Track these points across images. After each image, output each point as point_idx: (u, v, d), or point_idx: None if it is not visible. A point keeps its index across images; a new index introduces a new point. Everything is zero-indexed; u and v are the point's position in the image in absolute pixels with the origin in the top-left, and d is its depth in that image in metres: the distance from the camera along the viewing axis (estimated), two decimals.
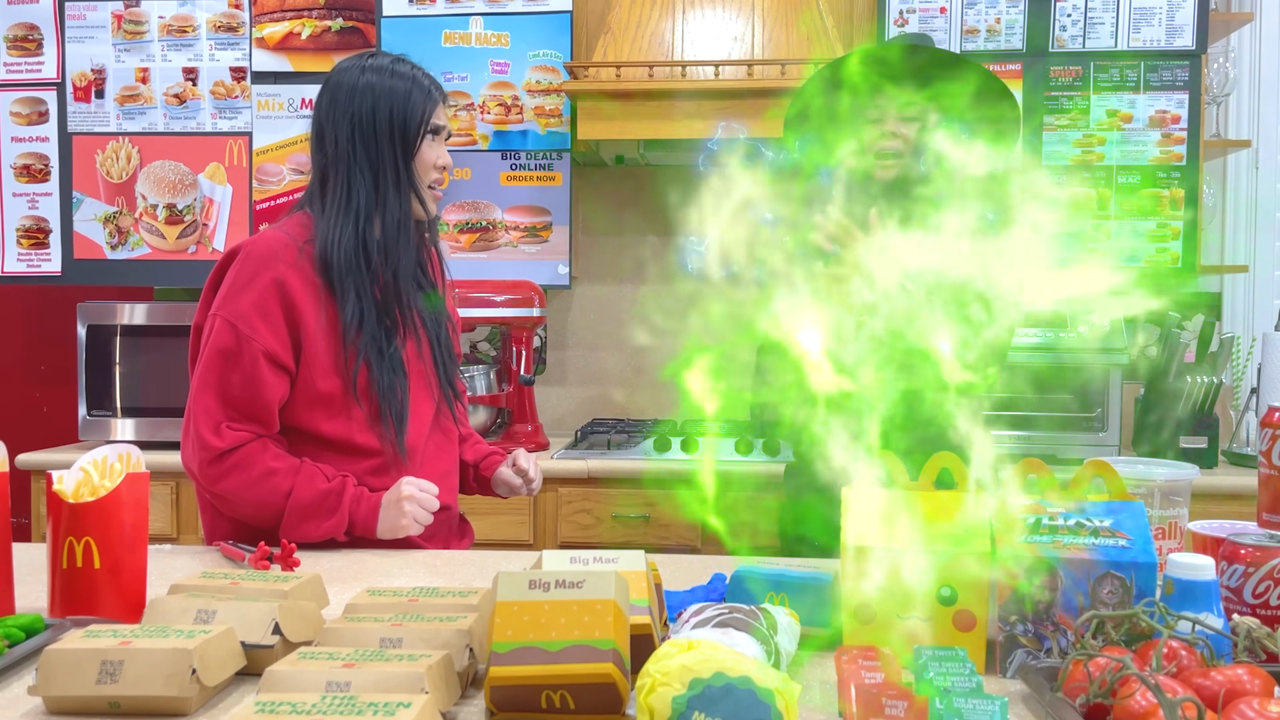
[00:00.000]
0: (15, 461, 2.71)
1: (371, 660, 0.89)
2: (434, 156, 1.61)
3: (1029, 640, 1.02)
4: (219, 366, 1.51)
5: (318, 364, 1.53)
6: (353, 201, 1.56)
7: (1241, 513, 2.40)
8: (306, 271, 1.54)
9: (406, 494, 1.52)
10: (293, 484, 1.51)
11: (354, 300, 1.54)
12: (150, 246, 2.99)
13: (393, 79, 1.58)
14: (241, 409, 1.51)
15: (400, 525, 1.52)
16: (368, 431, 1.57)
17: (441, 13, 2.92)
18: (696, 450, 2.69)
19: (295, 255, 1.54)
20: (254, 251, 1.54)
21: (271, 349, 1.51)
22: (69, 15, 2.99)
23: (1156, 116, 2.74)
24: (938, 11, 2.78)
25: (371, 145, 1.56)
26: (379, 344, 1.56)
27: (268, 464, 1.51)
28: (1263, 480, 1.30)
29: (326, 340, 1.54)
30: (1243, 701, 0.79)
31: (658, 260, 3.22)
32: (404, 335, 1.62)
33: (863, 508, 1.11)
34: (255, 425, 1.53)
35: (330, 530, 1.53)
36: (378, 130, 1.56)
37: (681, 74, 2.66)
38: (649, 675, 0.81)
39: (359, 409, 1.56)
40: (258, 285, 1.51)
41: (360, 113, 1.56)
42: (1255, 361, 2.83)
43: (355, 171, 1.56)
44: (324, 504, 1.52)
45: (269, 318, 1.51)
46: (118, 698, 0.90)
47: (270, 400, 1.52)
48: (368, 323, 1.55)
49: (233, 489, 1.51)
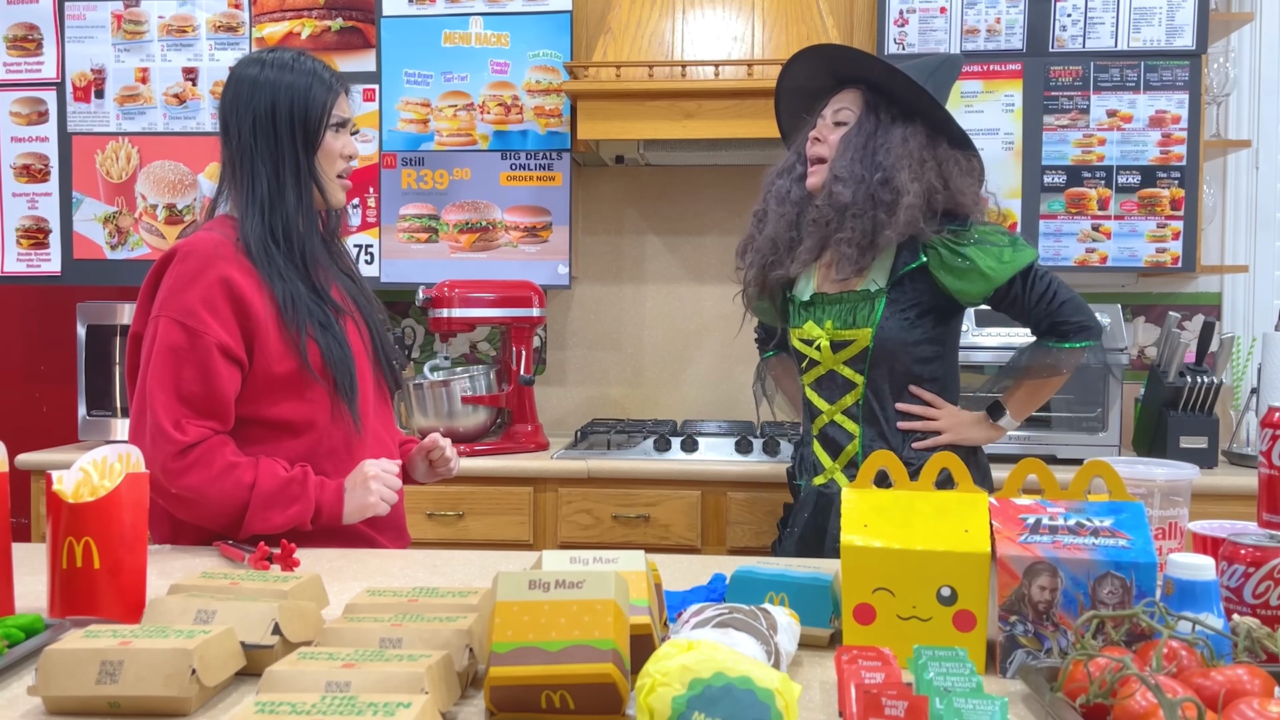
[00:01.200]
0: (15, 461, 2.71)
1: (371, 660, 0.89)
2: (339, 147, 1.64)
3: (1029, 640, 1.02)
4: (171, 364, 1.50)
5: (271, 349, 1.55)
6: (256, 192, 1.59)
7: (1241, 513, 2.40)
8: (245, 264, 1.56)
9: (371, 473, 1.54)
10: (255, 475, 1.51)
11: (280, 282, 1.57)
12: (150, 246, 2.99)
13: (292, 74, 1.61)
14: (198, 405, 1.51)
15: (368, 504, 1.54)
16: (327, 409, 1.59)
17: (441, 13, 2.92)
18: (696, 450, 2.69)
19: (233, 250, 1.57)
20: (193, 250, 1.55)
21: (224, 342, 1.52)
22: (69, 15, 2.99)
23: (1156, 116, 2.74)
24: (938, 11, 2.78)
25: (271, 139, 1.59)
26: (319, 320, 1.59)
27: (228, 458, 1.51)
28: (1263, 480, 1.30)
29: (275, 326, 1.56)
30: (1243, 702, 0.79)
31: (658, 260, 3.22)
32: (341, 315, 1.65)
33: (862, 508, 1.11)
34: (214, 421, 1.53)
35: (295, 517, 1.52)
36: (277, 124, 1.59)
37: (681, 74, 2.66)
38: (649, 675, 0.81)
39: (318, 387, 1.58)
40: (203, 281, 1.52)
41: (260, 108, 1.59)
42: (1255, 361, 2.83)
43: (257, 163, 1.60)
44: (287, 490, 1.52)
45: (218, 312, 1.52)
46: (117, 698, 0.90)
47: (226, 393, 1.53)
48: (300, 300, 1.57)
49: (195, 485, 1.50)
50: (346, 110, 1.65)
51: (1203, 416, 2.62)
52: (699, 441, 2.72)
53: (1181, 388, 2.62)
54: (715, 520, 2.61)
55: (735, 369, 3.19)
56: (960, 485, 1.14)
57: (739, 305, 2.12)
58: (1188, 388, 2.61)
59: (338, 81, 1.64)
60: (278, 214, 1.59)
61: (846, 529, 1.08)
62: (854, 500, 1.12)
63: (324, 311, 1.60)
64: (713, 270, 3.20)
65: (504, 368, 2.83)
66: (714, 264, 3.20)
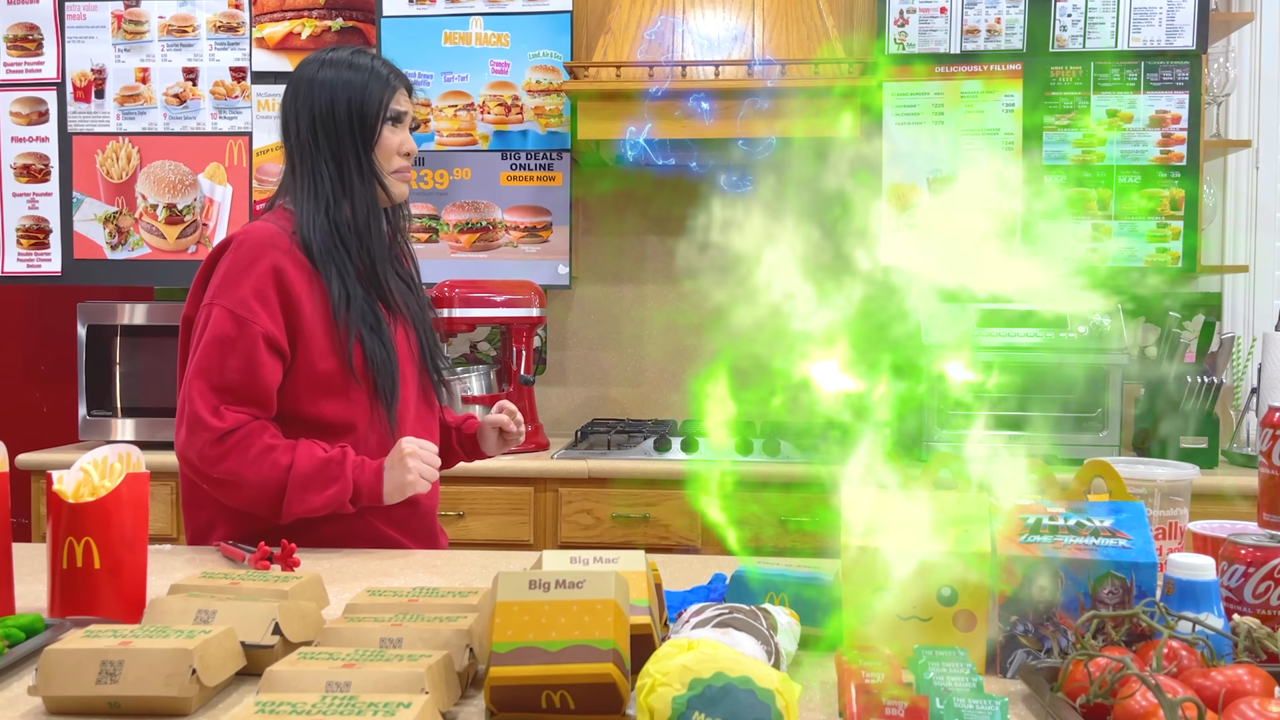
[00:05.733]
0: (15, 461, 2.71)
1: (371, 660, 0.89)
2: (397, 143, 1.64)
3: (1029, 640, 1.02)
4: (217, 353, 1.51)
5: (315, 346, 1.56)
6: (320, 189, 1.60)
7: (1241, 513, 2.39)
8: (299, 258, 1.57)
9: (409, 450, 1.53)
10: (292, 457, 1.51)
11: (338, 281, 1.57)
12: (150, 246, 2.99)
13: (350, 71, 1.62)
14: (239, 393, 1.52)
15: (407, 482, 1.52)
16: (367, 411, 1.60)
17: (441, 13, 2.92)
18: (696, 450, 2.69)
19: (288, 243, 1.57)
20: (248, 240, 1.56)
21: (270, 333, 1.52)
22: (69, 15, 2.99)
23: (1156, 116, 2.74)
24: (938, 11, 2.78)
25: (332, 136, 1.60)
26: (369, 322, 1.59)
27: (266, 441, 1.51)
28: (1263, 480, 1.30)
29: (322, 323, 1.56)
30: (1243, 702, 0.79)
31: (658, 260, 3.22)
32: (392, 318, 1.65)
33: (863, 508, 1.10)
34: (253, 408, 1.53)
35: (334, 498, 1.51)
36: (337, 121, 1.60)
37: (681, 74, 2.66)
38: (649, 675, 0.81)
39: (358, 389, 1.58)
40: (255, 272, 1.53)
41: (319, 105, 1.60)
42: (1255, 361, 2.83)
43: (320, 161, 1.61)
44: (326, 471, 1.51)
45: (267, 303, 1.53)
46: (118, 698, 0.90)
47: (269, 383, 1.53)
48: (355, 302, 1.58)
49: (234, 469, 1.50)
50: (404, 105, 1.65)
51: (1203, 416, 2.62)
52: (699, 441, 2.72)
53: (1181, 388, 2.62)
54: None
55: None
56: (960, 485, 1.14)
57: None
58: (1188, 388, 2.61)
59: (395, 77, 1.64)
60: (342, 211, 1.60)
61: (846, 529, 1.08)
62: (854, 500, 1.12)
63: (375, 314, 1.60)
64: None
65: (504, 368, 2.83)
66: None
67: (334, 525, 1.57)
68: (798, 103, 2.61)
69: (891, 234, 2.81)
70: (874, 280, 2.74)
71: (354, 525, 1.58)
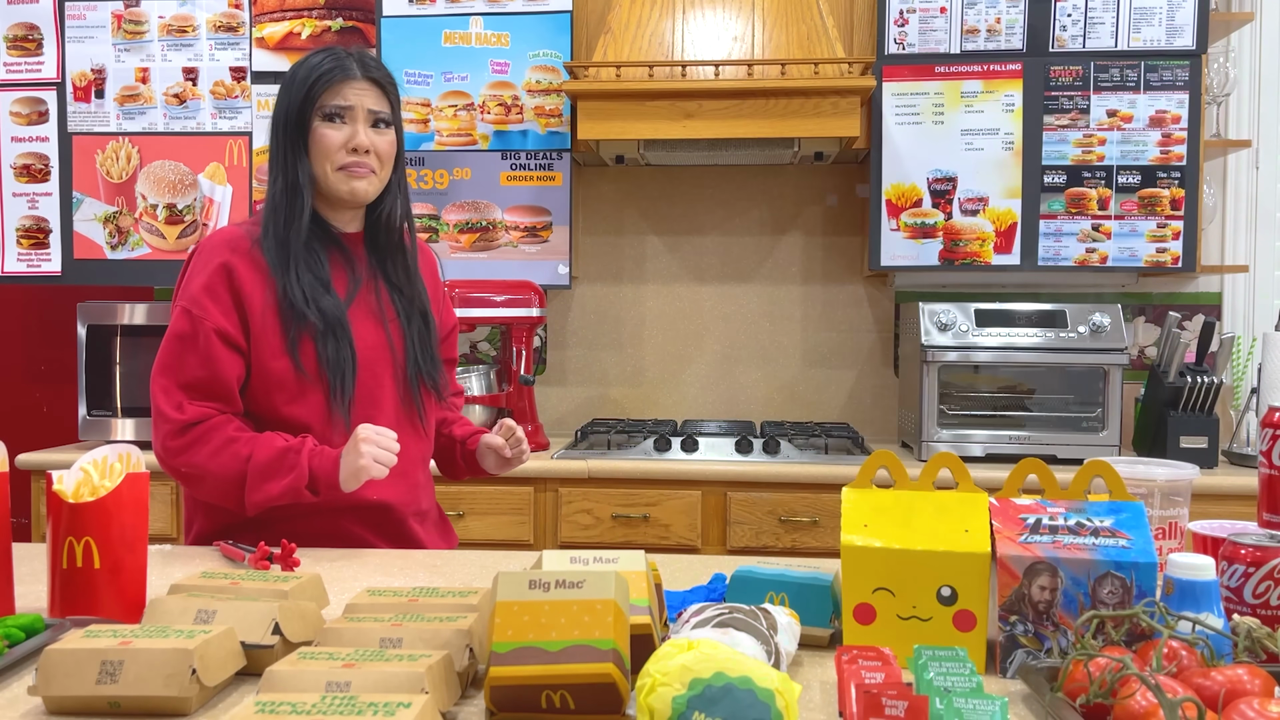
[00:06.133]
0: (15, 461, 2.71)
1: (371, 660, 0.89)
2: (338, 139, 1.59)
3: (1029, 640, 1.02)
4: (177, 350, 1.55)
5: (266, 345, 1.57)
6: (273, 189, 1.63)
7: (1241, 513, 2.40)
8: (257, 259, 1.59)
9: (363, 436, 1.51)
10: (252, 448, 1.52)
11: (285, 281, 1.58)
12: (150, 246, 2.99)
13: (301, 69, 1.61)
14: (200, 389, 1.55)
15: (360, 467, 1.49)
16: (323, 413, 1.59)
17: (441, 13, 2.92)
18: (696, 450, 2.69)
19: (248, 245, 1.59)
20: (207, 244, 1.61)
21: (222, 327, 1.55)
22: (69, 15, 2.99)
23: (1156, 116, 2.74)
24: (938, 11, 2.78)
25: (278, 137, 1.62)
26: (325, 322, 1.57)
27: (229, 434, 1.53)
28: (1263, 480, 1.30)
29: (275, 321, 1.57)
30: (1243, 702, 0.79)
31: (658, 260, 3.22)
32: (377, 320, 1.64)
33: (862, 508, 1.11)
34: (217, 402, 1.56)
35: (291, 486, 1.51)
36: (277, 123, 1.62)
37: (681, 74, 2.66)
38: (649, 675, 0.81)
39: (313, 390, 1.58)
40: (207, 271, 1.57)
41: (276, 108, 1.63)
42: (1255, 361, 2.83)
43: (273, 162, 1.63)
44: (283, 461, 1.52)
45: (218, 299, 1.56)
46: (118, 698, 0.90)
47: (228, 377, 1.55)
48: (297, 300, 1.57)
49: (195, 461, 1.52)
50: (347, 99, 1.59)
51: (1203, 416, 2.62)
52: (699, 441, 2.72)
53: (1181, 388, 2.62)
54: (715, 520, 2.61)
55: (735, 369, 3.19)
56: (960, 485, 1.14)
57: (739, 305, 2.11)
58: (1188, 388, 2.61)
59: (340, 70, 1.59)
60: (280, 211, 1.60)
61: (846, 529, 1.08)
62: (854, 500, 1.12)
63: (331, 314, 1.58)
64: (713, 270, 3.20)
65: (504, 368, 2.83)
66: (714, 264, 3.20)
67: (305, 522, 1.57)
68: (797, 103, 2.61)
69: (891, 234, 2.81)
70: (874, 280, 2.76)
71: (324, 524, 1.59)
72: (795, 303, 3.17)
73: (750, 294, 3.18)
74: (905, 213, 2.81)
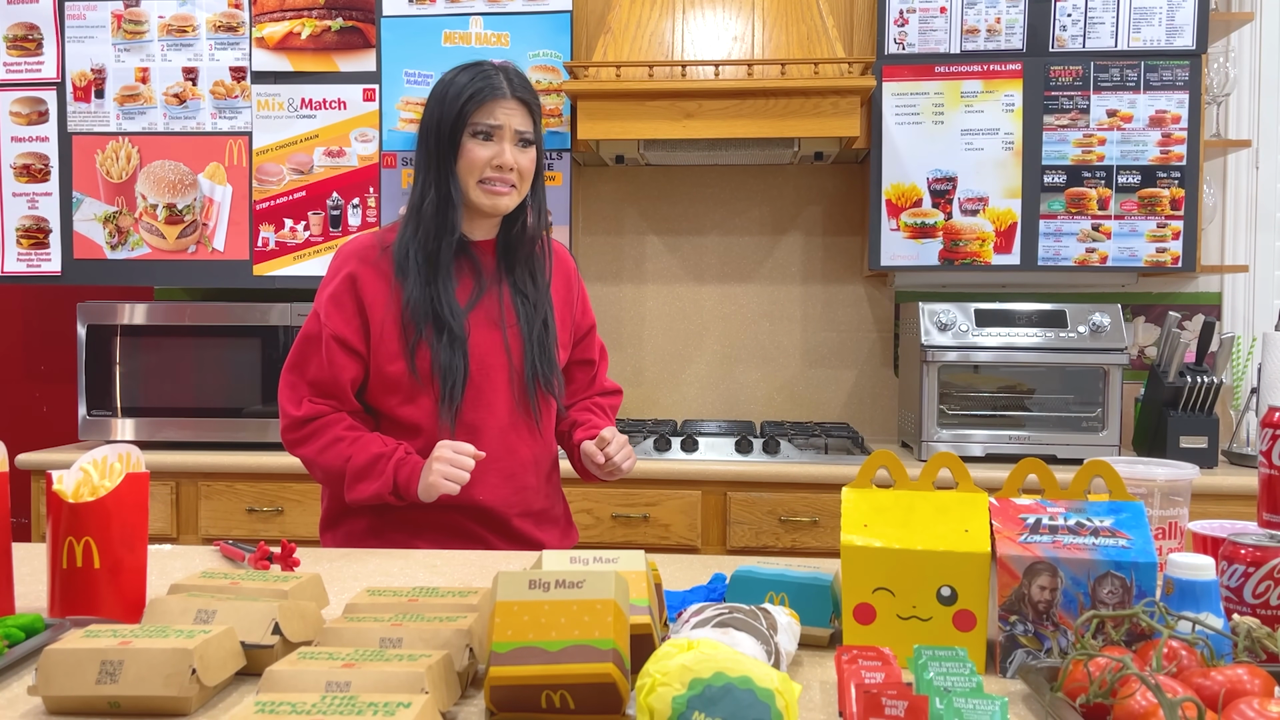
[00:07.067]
0: (15, 461, 2.71)
1: (371, 660, 0.89)
2: (485, 155, 1.64)
3: (1029, 640, 1.02)
4: (303, 350, 1.68)
5: (385, 349, 1.65)
6: (413, 200, 1.70)
7: (1241, 513, 2.40)
8: (383, 268, 1.67)
9: (437, 455, 1.59)
10: (353, 450, 1.63)
11: (409, 286, 1.65)
12: (150, 246, 2.99)
13: (454, 85, 1.66)
14: (319, 387, 1.67)
15: (430, 483, 1.58)
16: (433, 415, 1.67)
17: (441, 13, 2.92)
18: (696, 450, 2.69)
19: (376, 254, 1.68)
20: (340, 252, 1.72)
21: (341, 333, 1.65)
22: (69, 15, 2.99)
23: (1156, 116, 2.74)
24: (938, 11, 2.78)
25: (429, 148, 1.67)
26: (440, 328, 1.65)
27: (337, 433, 1.65)
28: (1263, 480, 1.30)
29: (394, 327, 1.65)
30: (1243, 701, 0.79)
31: (658, 260, 3.22)
32: (498, 327, 1.70)
33: (863, 508, 1.11)
34: (333, 401, 1.67)
35: (377, 491, 1.61)
36: (427, 135, 1.68)
37: (681, 74, 2.66)
38: (649, 675, 0.81)
39: (425, 393, 1.66)
40: (336, 279, 1.68)
41: (426, 119, 1.68)
42: (1255, 361, 2.83)
43: (419, 172, 1.70)
44: (374, 467, 1.62)
45: (342, 307, 1.66)
46: (118, 698, 0.90)
47: (343, 380, 1.66)
48: (420, 306, 1.64)
49: (307, 454, 1.66)
50: (496, 118, 1.64)
51: (1203, 416, 2.62)
52: (699, 441, 2.72)
53: (1181, 388, 2.62)
54: (715, 520, 2.61)
55: (735, 369, 3.19)
56: (960, 485, 1.14)
57: (739, 305, 2.11)
58: (1188, 388, 2.61)
59: (491, 90, 1.64)
60: (420, 220, 1.67)
61: (846, 529, 1.08)
62: (854, 500, 1.12)
63: (449, 321, 1.64)
64: (713, 270, 3.20)
65: None
66: (714, 264, 3.20)
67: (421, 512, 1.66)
68: (797, 103, 2.61)
69: (891, 234, 2.81)
70: (874, 280, 2.76)
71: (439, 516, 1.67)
72: (795, 303, 3.17)
73: (750, 294, 3.18)
74: (905, 213, 2.81)
